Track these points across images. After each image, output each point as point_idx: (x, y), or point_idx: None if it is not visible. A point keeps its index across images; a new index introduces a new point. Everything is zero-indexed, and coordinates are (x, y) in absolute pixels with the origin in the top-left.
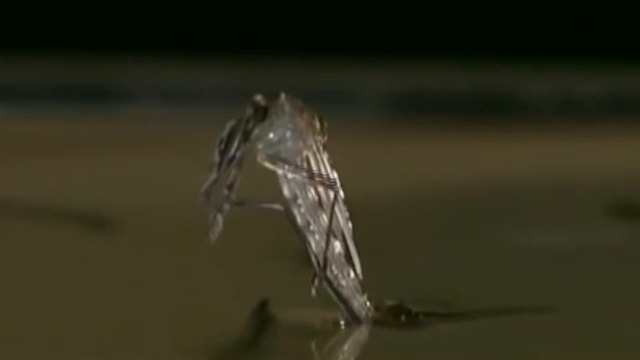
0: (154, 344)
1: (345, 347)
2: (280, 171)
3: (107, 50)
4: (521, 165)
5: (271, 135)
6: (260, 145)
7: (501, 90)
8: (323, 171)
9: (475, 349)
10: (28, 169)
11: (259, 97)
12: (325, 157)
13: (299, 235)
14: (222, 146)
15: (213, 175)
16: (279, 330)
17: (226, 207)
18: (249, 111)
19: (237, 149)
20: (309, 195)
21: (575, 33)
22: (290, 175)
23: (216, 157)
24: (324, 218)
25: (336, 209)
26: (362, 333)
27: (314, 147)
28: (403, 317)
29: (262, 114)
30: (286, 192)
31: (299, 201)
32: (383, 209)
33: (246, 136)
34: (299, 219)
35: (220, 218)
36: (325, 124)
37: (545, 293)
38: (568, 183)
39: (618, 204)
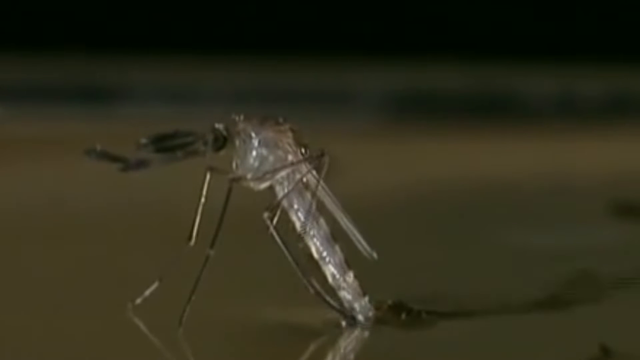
0: (154, 345)
1: (346, 347)
2: (274, 181)
3: (108, 50)
4: (521, 165)
5: (251, 160)
6: (249, 176)
7: (501, 90)
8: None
9: (476, 348)
10: (28, 168)
11: (220, 126)
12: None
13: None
14: (158, 142)
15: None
16: (279, 331)
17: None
18: (210, 136)
19: (169, 152)
20: (306, 200)
21: (575, 33)
22: (283, 175)
23: (145, 140)
24: (323, 222)
25: (326, 190)
26: (362, 333)
27: (292, 149)
28: (404, 316)
29: (221, 142)
30: (281, 198)
31: (296, 207)
32: (382, 209)
33: (193, 153)
34: (297, 225)
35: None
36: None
37: (545, 293)
38: (568, 183)
39: (618, 204)
